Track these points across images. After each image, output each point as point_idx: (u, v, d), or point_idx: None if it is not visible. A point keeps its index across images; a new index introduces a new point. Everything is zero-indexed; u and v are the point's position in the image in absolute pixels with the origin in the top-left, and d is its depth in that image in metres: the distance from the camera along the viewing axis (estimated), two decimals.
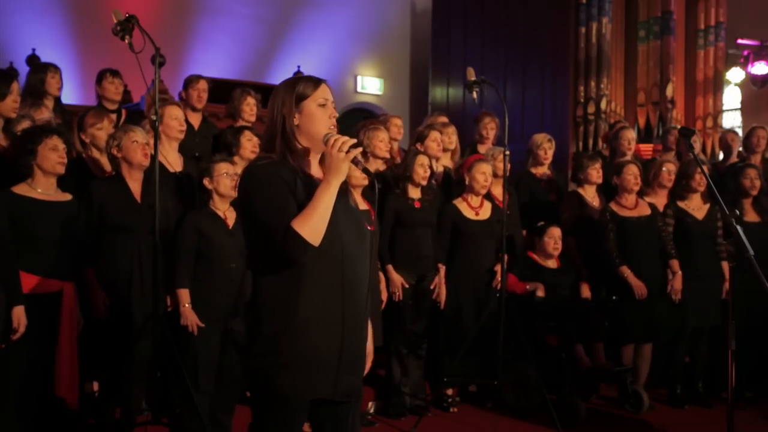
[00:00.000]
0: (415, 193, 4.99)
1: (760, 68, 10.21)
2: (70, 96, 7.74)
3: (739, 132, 8.40)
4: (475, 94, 5.16)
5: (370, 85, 11.02)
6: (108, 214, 4.03)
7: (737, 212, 3.05)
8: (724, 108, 10.11)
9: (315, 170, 2.44)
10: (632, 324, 5.26)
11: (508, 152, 5.03)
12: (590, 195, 5.70)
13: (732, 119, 10.60)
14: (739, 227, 2.96)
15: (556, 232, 5.37)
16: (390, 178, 5.03)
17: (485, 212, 5.23)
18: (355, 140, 2.35)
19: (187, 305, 4.04)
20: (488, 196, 5.40)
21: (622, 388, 5.29)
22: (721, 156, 7.76)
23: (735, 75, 10.26)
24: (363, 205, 4.58)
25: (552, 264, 5.40)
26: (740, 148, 6.84)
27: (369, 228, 4.51)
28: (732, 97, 10.64)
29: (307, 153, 2.42)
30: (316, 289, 2.29)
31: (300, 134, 2.39)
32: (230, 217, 4.21)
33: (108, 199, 4.05)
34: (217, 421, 4.12)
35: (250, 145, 4.83)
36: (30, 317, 3.55)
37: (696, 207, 5.44)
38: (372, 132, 4.97)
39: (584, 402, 5.09)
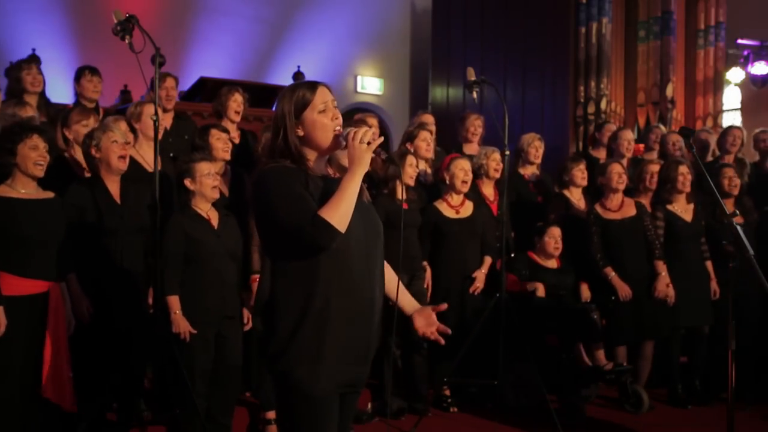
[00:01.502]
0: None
1: (760, 68, 10.19)
2: (69, 96, 7.73)
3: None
4: (475, 94, 5.15)
5: (370, 85, 11.01)
6: (89, 218, 3.95)
7: (737, 211, 3.05)
8: (724, 108, 10.11)
9: (322, 171, 2.48)
10: (622, 324, 5.27)
11: (508, 152, 5.03)
12: (576, 197, 5.70)
13: (732, 119, 10.59)
14: (739, 227, 2.96)
15: (556, 232, 5.36)
16: (377, 179, 5.01)
17: (466, 210, 5.23)
18: (374, 130, 2.40)
19: (177, 312, 3.95)
20: (478, 195, 5.40)
21: (622, 388, 5.29)
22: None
23: (735, 75, 10.24)
24: None
25: (552, 264, 5.40)
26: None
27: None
28: (732, 97, 10.62)
29: (315, 158, 2.45)
30: (332, 284, 2.33)
31: (304, 144, 2.42)
32: (213, 217, 4.13)
33: (88, 202, 3.97)
34: (216, 421, 4.12)
35: (220, 143, 4.70)
36: (16, 319, 3.49)
37: (683, 209, 5.44)
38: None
39: (584, 402, 5.09)
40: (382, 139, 2.39)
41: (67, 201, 3.90)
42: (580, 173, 5.64)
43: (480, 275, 5.17)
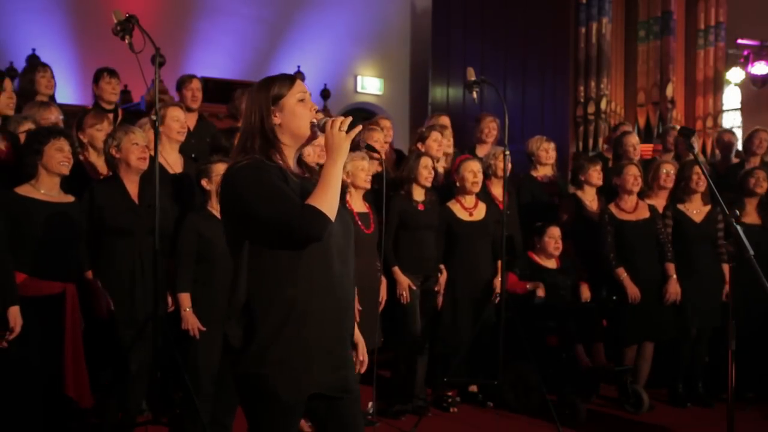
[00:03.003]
0: (419, 195, 4.98)
1: (760, 68, 10.20)
2: (69, 96, 7.74)
3: (738, 132, 8.39)
4: (475, 94, 5.16)
5: (370, 85, 11.01)
6: (107, 217, 4.01)
7: (737, 212, 3.04)
8: (724, 108, 10.11)
9: (294, 169, 2.42)
10: (632, 325, 5.26)
11: (508, 152, 5.03)
12: (589, 197, 5.70)
13: (732, 119, 10.60)
14: (739, 227, 2.95)
15: (555, 231, 5.37)
16: (389, 180, 5.01)
17: (479, 213, 5.22)
18: (351, 118, 2.34)
19: (188, 309, 4.03)
20: (487, 196, 5.40)
21: (622, 388, 5.29)
22: (718, 156, 7.70)
23: (735, 75, 10.25)
24: (363, 208, 4.57)
25: (552, 264, 5.40)
26: (738, 149, 6.81)
27: (366, 231, 4.53)
28: (732, 97, 10.64)
29: (288, 152, 2.39)
30: (313, 284, 2.28)
31: (282, 133, 2.37)
32: None
33: (107, 201, 4.03)
34: (218, 422, 4.11)
35: None
36: (33, 319, 3.55)
37: (695, 209, 5.43)
38: (368, 132, 5.00)
39: (584, 402, 5.09)
40: (360, 127, 2.36)
41: (87, 199, 3.99)
42: (596, 173, 5.64)
43: (498, 283, 5.17)
